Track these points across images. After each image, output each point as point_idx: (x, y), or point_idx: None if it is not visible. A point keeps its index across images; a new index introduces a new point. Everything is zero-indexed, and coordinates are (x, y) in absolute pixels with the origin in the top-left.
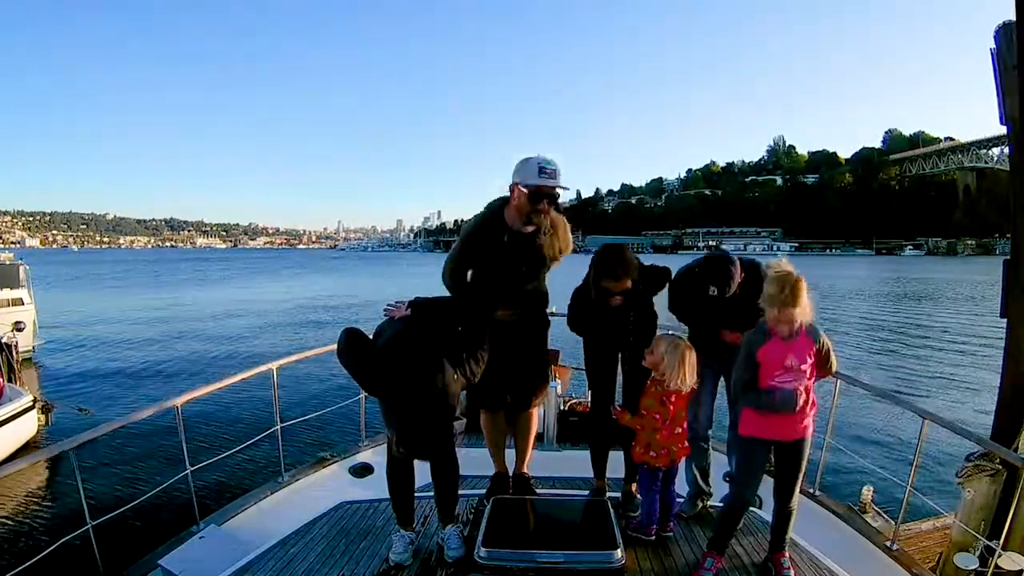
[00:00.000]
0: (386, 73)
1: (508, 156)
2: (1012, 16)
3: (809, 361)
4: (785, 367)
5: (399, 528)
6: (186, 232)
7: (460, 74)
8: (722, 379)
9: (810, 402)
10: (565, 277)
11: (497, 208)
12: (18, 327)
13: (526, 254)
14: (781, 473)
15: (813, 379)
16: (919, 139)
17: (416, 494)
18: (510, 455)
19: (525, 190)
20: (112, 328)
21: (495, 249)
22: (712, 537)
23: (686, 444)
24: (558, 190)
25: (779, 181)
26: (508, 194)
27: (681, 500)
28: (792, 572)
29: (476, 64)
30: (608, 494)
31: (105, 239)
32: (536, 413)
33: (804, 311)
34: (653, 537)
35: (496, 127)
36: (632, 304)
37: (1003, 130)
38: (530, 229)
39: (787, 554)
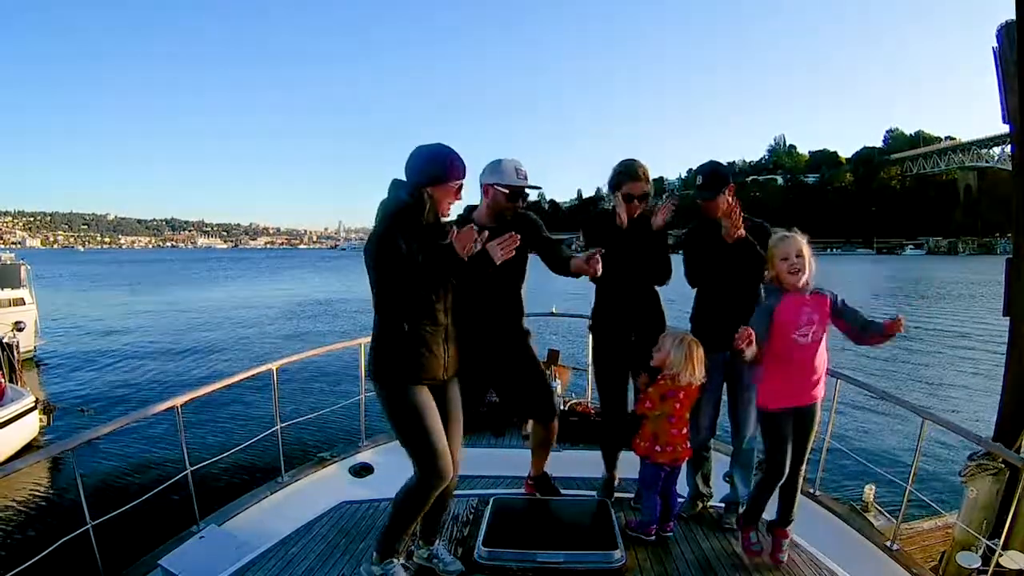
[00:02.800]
0: (388, 73)
1: (508, 156)
2: (1013, 15)
3: (826, 311)
4: (805, 321)
5: (396, 559)
6: (187, 232)
7: (460, 75)
8: (725, 387)
9: (825, 360)
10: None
11: (466, 212)
12: (19, 327)
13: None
14: (793, 441)
15: (825, 330)
16: (920, 138)
17: None
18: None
19: (505, 190)
20: (113, 328)
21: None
22: (746, 512)
23: (687, 446)
24: (528, 191)
25: (780, 180)
26: (477, 201)
27: (681, 500)
28: (787, 556)
29: (476, 66)
30: (617, 494)
31: (106, 239)
32: (556, 423)
33: (811, 264)
34: (653, 537)
35: (496, 127)
36: (637, 299)
37: (1003, 129)
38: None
39: (790, 534)
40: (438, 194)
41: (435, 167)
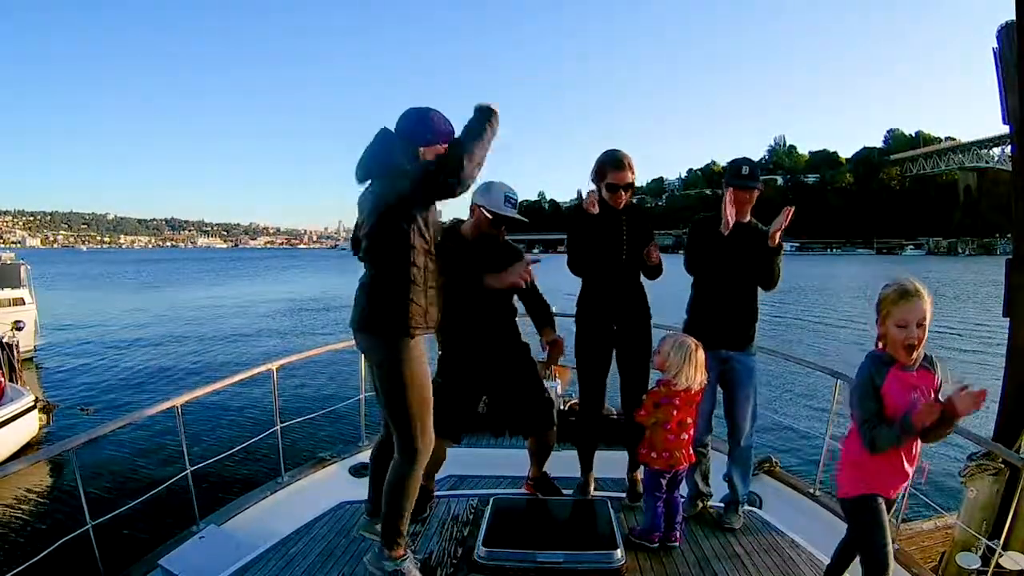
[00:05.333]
0: (388, 73)
1: (506, 157)
2: (1013, 16)
3: (935, 388)
4: (911, 404)
5: (407, 551)
6: (187, 232)
7: (460, 75)
8: (719, 387)
9: (918, 454)
10: (565, 280)
11: (453, 223)
12: (18, 326)
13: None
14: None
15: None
16: (920, 139)
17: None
18: (514, 454)
19: (489, 215)
20: (113, 328)
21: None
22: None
23: (690, 452)
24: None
25: (780, 181)
26: (467, 215)
27: (682, 500)
28: None
29: (477, 67)
30: (602, 493)
31: (106, 239)
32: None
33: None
34: (656, 544)
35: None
36: (620, 290)
37: (1003, 130)
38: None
39: None
40: (428, 155)
41: (425, 129)
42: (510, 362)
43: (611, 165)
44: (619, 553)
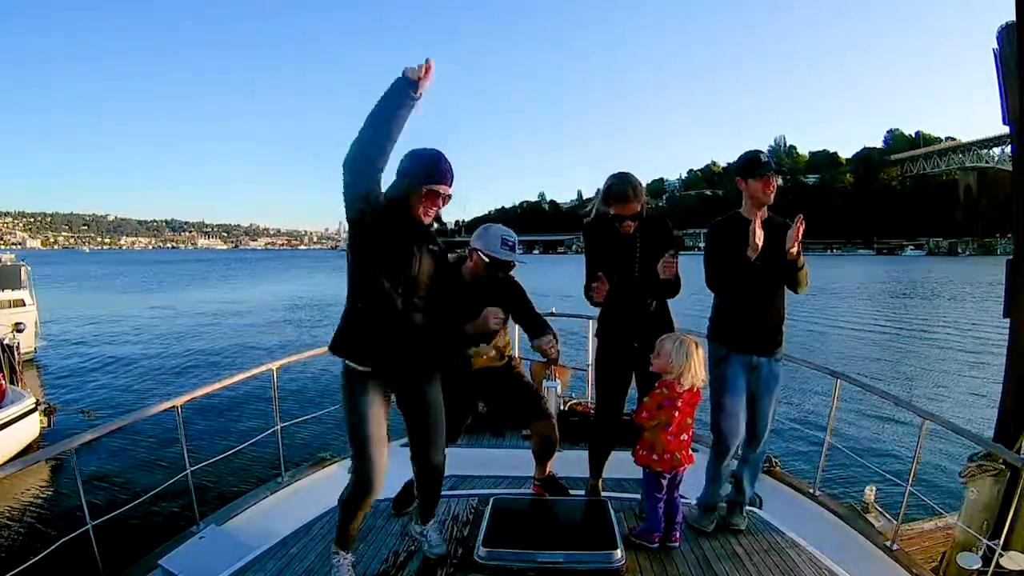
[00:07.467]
0: (388, 74)
1: (507, 158)
2: (1013, 16)
3: None
4: None
5: (343, 553)
6: (187, 233)
7: (461, 76)
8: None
9: None
10: (564, 280)
11: (457, 262)
12: (19, 328)
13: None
14: None
15: None
16: (920, 139)
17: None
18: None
19: (486, 259)
20: (113, 329)
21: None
22: None
23: (690, 453)
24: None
25: (780, 181)
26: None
27: (682, 501)
28: None
29: (477, 67)
30: (604, 493)
31: (106, 240)
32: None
33: None
34: (656, 544)
35: (497, 129)
36: (643, 306)
37: (1004, 130)
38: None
39: None
40: (421, 195)
41: (420, 168)
42: (495, 373)
43: (615, 198)
44: (619, 553)
